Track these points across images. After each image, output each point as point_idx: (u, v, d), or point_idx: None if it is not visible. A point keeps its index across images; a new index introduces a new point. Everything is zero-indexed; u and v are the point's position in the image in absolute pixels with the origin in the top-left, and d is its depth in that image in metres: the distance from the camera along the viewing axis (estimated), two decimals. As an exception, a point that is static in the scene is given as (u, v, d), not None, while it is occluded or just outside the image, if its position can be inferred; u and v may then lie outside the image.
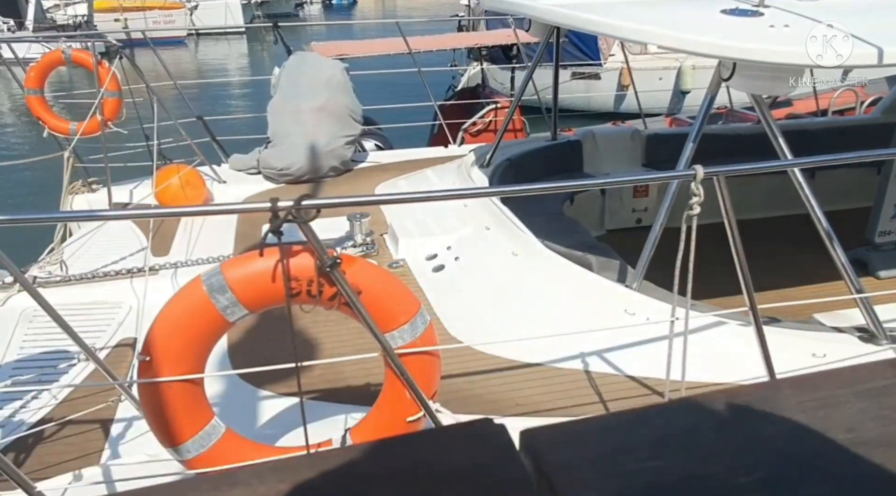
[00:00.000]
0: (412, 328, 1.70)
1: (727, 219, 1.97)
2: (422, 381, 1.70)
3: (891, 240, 4.87)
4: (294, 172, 4.88)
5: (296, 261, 1.62)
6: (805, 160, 2.21)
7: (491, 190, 3.75)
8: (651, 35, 2.61)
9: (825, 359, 2.62)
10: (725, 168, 1.90)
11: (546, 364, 2.69)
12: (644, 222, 5.74)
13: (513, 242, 3.47)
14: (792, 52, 2.42)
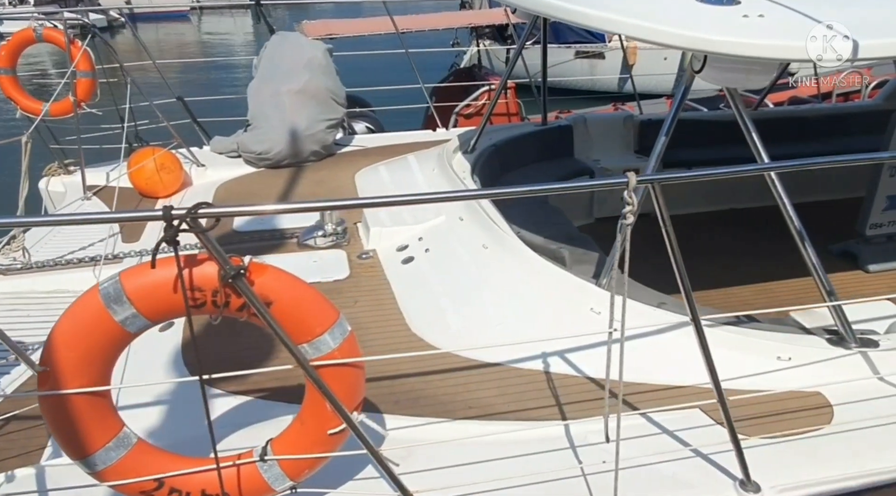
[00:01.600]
0: (330, 338, 1.64)
1: (664, 226, 1.88)
2: (343, 393, 1.64)
3: (882, 233, 4.75)
4: (273, 157, 4.80)
5: (200, 271, 1.55)
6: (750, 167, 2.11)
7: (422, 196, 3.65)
8: (618, 24, 2.49)
9: (790, 362, 2.53)
10: (661, 175, 1.81)
11: (505, 364, 2.62)
12: None
13: (485, 234, 3.38)
14: (763, 45, 2.30)
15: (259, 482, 1.69)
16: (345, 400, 1.65)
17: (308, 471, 1.72)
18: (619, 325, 1.97)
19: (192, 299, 1.55)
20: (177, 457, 1.70)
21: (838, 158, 2.52)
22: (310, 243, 3.61)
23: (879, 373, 2.53)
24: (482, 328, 2.83)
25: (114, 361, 1.60)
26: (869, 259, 4.70)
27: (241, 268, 1.50)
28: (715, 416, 2.35)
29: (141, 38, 5.60)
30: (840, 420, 2.35)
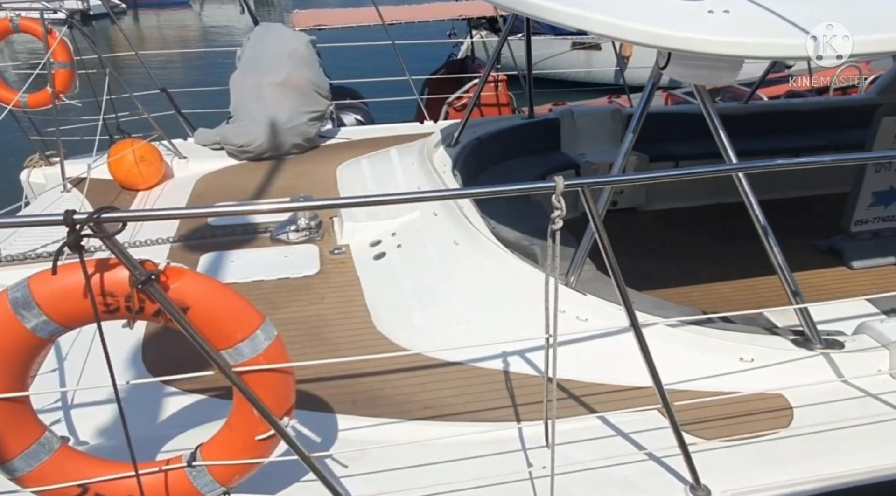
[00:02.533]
0: (252, 344, 1.61)
1: (597, 232, 1.85)
2: (270, 399, 1.62)
3: (867, 229, 4.71)
4: (254, 149, 4.78)
5: (111, 276, 1.53)
6: (698, 170, 2.08)
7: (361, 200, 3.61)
8: (580, 19, 2.45)
9: (752, 364, 2.51)
10: (590, 179, 1.78)
11: (466, 363, 2.61)
12: (620, 205, 5.60)
13: (457, 230, 3.36)
14: (724, 41, 2.26)
15: (188, 488, 1.68)
16: (273, 405, 1.63)
17: (239, 476, 1.71)
18: (577, 326, 1.95)
19: (105, 304, 1.53)
20: (103, 462, 1.69)
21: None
22: (283, 238, 3.59)
23: (843, 376, 2.51)
24: (446, 326, 2.81)
25: (30, 367, 1.58)
26: (853, 255, 4.66)
27: (153, 274, 1.47)
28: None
29: (122, 28, 5.55)
30: (799, 423, 2.32)
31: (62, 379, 2.56)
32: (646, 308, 3.06)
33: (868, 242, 4.74)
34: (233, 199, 4.24)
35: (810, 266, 4.72)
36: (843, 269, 4.67)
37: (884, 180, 4.61)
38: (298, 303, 3.04)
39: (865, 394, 2.45)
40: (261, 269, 3.29)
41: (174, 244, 3.58)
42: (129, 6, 27.05)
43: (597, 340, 2.64)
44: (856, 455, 2.21)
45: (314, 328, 2.85)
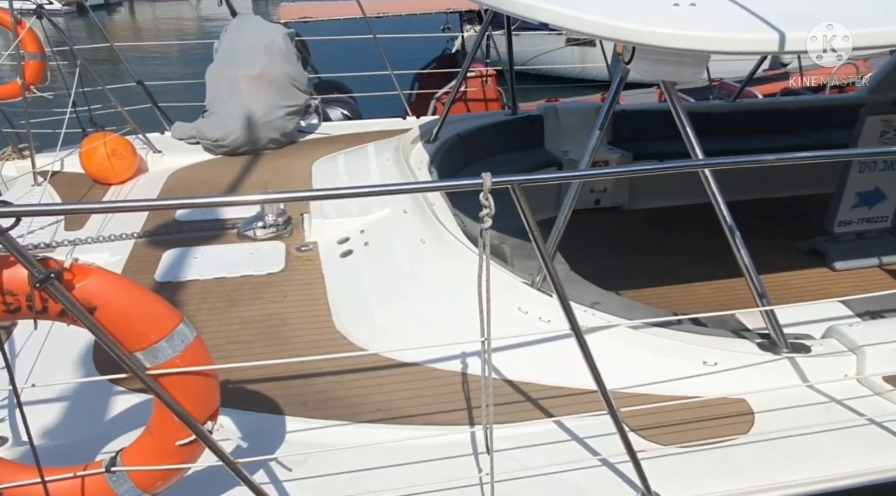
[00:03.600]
0: (169, 345, 1.55)
1: (529, 228, 1.79)
2: (190, 403, 1.56)
3: (851, 230, 4.65)
4: (229, 144, 4.71)
5: (11, 274, 1.46)
6: (649, 166, 2.02)
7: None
8: (539, 11, 2.38)
9: (716, 367, 2.45)
10: (519, 176, 1.71)
11: (423, 364, 2.55)
12: (602, 203, 5.54)
13: (424, 228, 3.30)
14: (688, 36, 2.19)
15: (108, 494, 1.62)
16: (193, 409, 1.57)
17: (162, 482, 1.65)
18: (539, 327, 1.88)
19: (5, 303, 1.46)
20: (19, 467, 1.63)
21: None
22: (249, 234, 3.53)
23: (808, 381, 2.45)
24: (407, 326, 2.75)
25: None
26: (836, 257, 4.60)
27: (53, 272, 1.41)
28: (631, 423, 2.27)
29: (96, 21, 5.48)
30: (760, 429, 2.26)
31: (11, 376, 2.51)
32: (614, 309, 2.99)
33: (851, 244, 4.67)
34: (204, 193, 4.17)
35: (792, 267, 4.66)
36: (825, 271, 4.60)
37: (868, 180, 4.54)
38: (259, 300, 2.98)
39: (830, 400, 2.39)
40: (224, 266, 3.23)
41: (139, 239, 3.51)
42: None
43: (559, 342, 2.57)
44: (814, 462, 2.15)
45: (272, 327, 2.79)
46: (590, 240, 5.05)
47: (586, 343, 1.86)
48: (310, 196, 1.92)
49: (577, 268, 4.63)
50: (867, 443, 2.23)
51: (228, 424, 2.22)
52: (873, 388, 2.42)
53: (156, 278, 3.13)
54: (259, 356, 2.59)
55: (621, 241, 5.05)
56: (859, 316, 3.33)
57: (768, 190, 5.59)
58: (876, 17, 2.26)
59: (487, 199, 1.58)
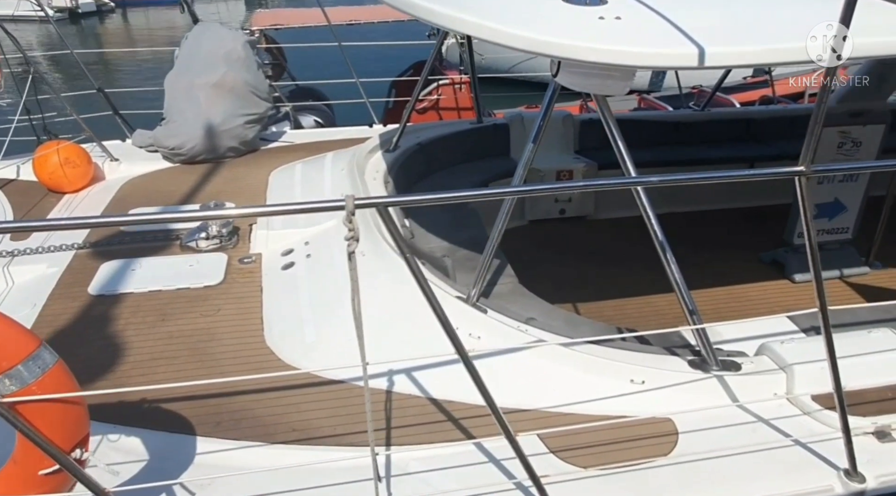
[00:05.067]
0: (26, 371, 1.49)
1: (401, 251, 1.75)
2: (53, 431, 1.51)
3: None
4: (186, 152, 4.66)
5: None
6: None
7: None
8: (463, 24, 2.34)
9: (643, 386, 2.40)
10: (385, 199, 1.67)
11: (348, 382, 2.50)
12: (568, 213, 5.50)
13: (366, 241, 3.25)
14: (611, 50, 2.16)
15: None
16: (57, 437, 1.52)
17: None
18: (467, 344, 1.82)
19: None
20: None
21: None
22: (192, 245, 3.48)
23: (737, 399, 2.40)
24: (336, 342, 2.70)
25: None
26: (795, 268, 4.57)
27: None
28: (550, 444, 2.23)
29: (57, 29, 5.43)
30: (682, 450, 2.22)
31: None
32: (555, 325, 2.95)
33: None
34: (155, 203, 4.12)
35: (754, 278, 4.62)
36: (785, 283, 4.57)
37: (827, 192, 4.51)
38: (191, 314, 2.92)
39: (757, 420, 2.35)
40: (162, 278, 3.18)
41: (79, 251, 3.46)
42: (117, 4, 26.95)
43: (486, 360, 2.53)
44: (736, 485, 2.11)
45: (200, 342, 2.74)
46: (553, 250, 5.01)
47: (472, 363, 1.81)
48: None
49: (536, 279, 4.58)
50: (792, 465, 2.19)
51: (136, 445, 2.17)
52: (802, 408, 2.38)
53: (89, 291, 3.07)
54: (181, 373, 2.54)
55: (585, 252, 5.01)
56: (804, 331, 3.28)
57: (735, 200, 5.56)
58: (799, 32, 2.23)
59: (350, 222, 1.53)
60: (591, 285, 4.48)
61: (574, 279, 4.60)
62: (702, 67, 2.14)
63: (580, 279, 4.59)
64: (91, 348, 2.67)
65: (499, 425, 1.85)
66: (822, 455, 2.19)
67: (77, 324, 2.84)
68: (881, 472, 2.14)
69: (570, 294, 4.42)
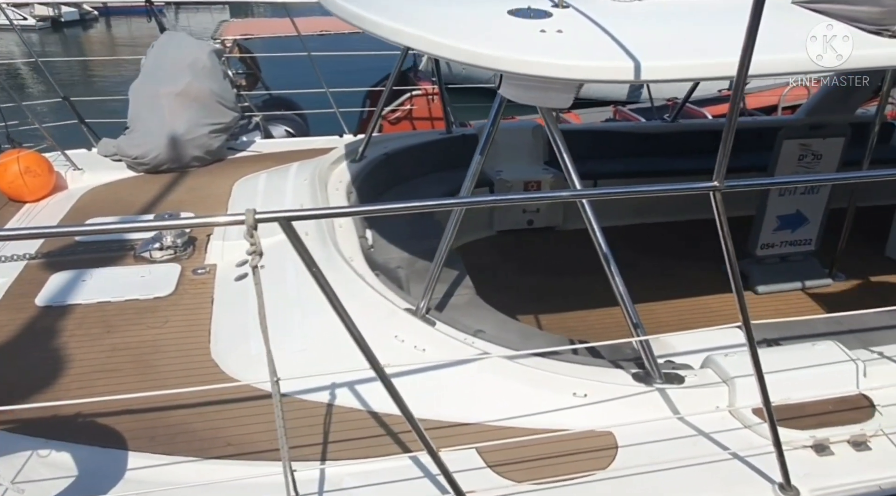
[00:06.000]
0: None
1: (308, 266, 1.74)
2: None
3: (773, 253, 4.65)
4: (150, 161, 4.63)
5: None
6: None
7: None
8: (403, 35, 2.34)
9: (585, 399, 2.40)
10: (290, 212, 1.66)
11: (289, 395, 2.47)
12: (536, 224, 5.50)
13: (320, 251, 3.23)
14: (542, 62, 2.16)
15: None
16: None
17: None
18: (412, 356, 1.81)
19: None
20: None
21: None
22: (145, 256, 3.44)
23: (679, 412, 2.40)
24: (281, 355, 2.67)
25: None
26: (758, 280, 4.59)
27: None
28: (488, 458, 2.21)
29: (22, 37, 5.39)
30: (620, 464, 2.21)
31: None
32: (508, 338, 2.95)
33: (775, 267, 4.67)
34: (115, 213, 4.09)
35: (716, 290, 4.64)
36: (748, 294, 4.58)
37: (789, 204, 4.55)
38: (138, 326, 2.89)
39: (698, 433, 2.35)
40: (111, 289, 3.14)
41: (31, 261, 3.42)
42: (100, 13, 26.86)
43: (430, 373, 2.52)
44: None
45: (143, 354, 2.71)
46: (520, 261, 5.01)
47: (388, 377, 1.80)
48: None
49: (500, 290, 4.58)
50: (730, 479, 2.19)
51: (66, 460, 2.13)
52: (743, 421, 2.38)
53: (36, 302, 3.03)
54: (121, 386, 2.50)
55: (552, 263, 5.02)
56: (757, 343, 3.30)
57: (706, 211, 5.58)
58: (733, 48, 2.25)
59: (251, 236, 1.52)
60: (556, 296, 4.48)
61: (539, 290, 4.60)
62: (638, 81, 2.15)
63: (545, 290, 4.59)
64: (30, 360, 2.63)
65: (420, 440, 1.83)
66: (760, 469, 2.19)
67: (19, 336, 2.80)
68: (817, 486, 2.15)
69: (533, 305, 4.42)
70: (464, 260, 4.95)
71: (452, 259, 3.88)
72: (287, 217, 1.61)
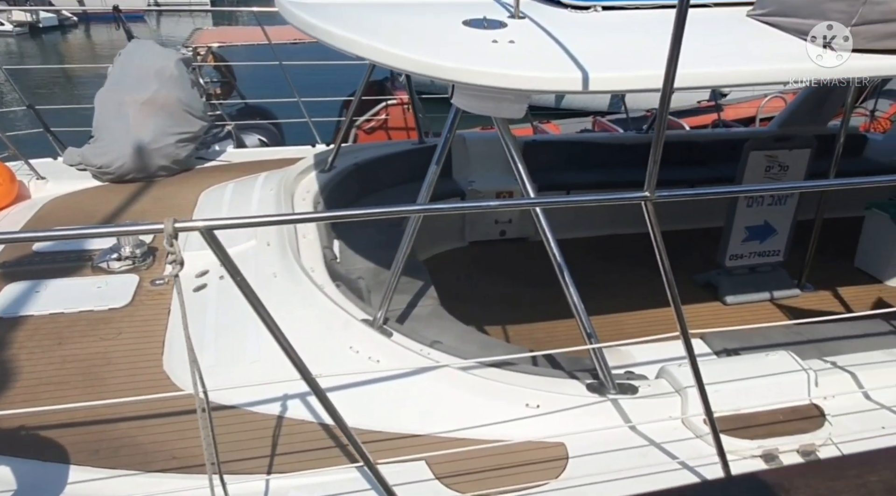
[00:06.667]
0: None
1: (232, 276, 1.72)
2: None
3: (743, 264, 4.68)
4: (114, 171, 4.58)
5: None
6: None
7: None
8: (358, 46, 2.34)
9: (538, 410, 2.38)
10: (210, 221, 1.65)
11: (240, 407, 2.44)
12: (508, 234, 5.50)
13: (280, 262, 3.21)
14: (490, 73, 2.16)
15: None
16: None
17: None
18: (366, 367, 1.77)
19: None
20: None
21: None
22: (103, 266, 3.39)
23: (631, 422, 2.40)
24: (234, 366, 2.65)
25: None
26: (727, 290, 4.61)
27: None
28: (437, 470, 2.19)
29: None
30: (570, 474, 2.20)
31: None
32: (466, 349, 2.93)
33: (744, 277, 4.70)
34: (77, 222, 4.03)
35: (686, 300, 4.63)
36: (717, 305, 4.61)
37: (757, 215, 4.58)
38: (89, 338, 2.84)
39: (650, 443, 2.34)
40: (66, 301, 3.09)
41: None
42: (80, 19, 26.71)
43: (383, 384, 2.49)
44: None
45: (94, 367, 2.66)
46: (492, 272, 5.01)
47: (322, 391, 1.78)
48: None
49: (470, 300, 4.57)
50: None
51: (6, 474, 2.09)
52: (694, 431, 2.38)
53: None
54: (68, 398, 2.45)
55: (523, 273, 5.01)
56: (717, 352, 3.31)
57: (679, 222, 5.62)
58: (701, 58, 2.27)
59: (171, 245, 1.50)
60: (525, 307, 4.48)
61: (509, 301, 4.59)
62: (586, 92, 2.16)
63: (515, 301, 4.58)
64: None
65: (356, 453, 1.81)
66: (707, 478, 2.19)
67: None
68: None
69: (502, 316, 4.41)
70: (435, 270, 4.94)
71: (418, 269, 3.86)
72: (208, 226, 1.59)
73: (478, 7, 2.75)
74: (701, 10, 2.88)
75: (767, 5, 2.60)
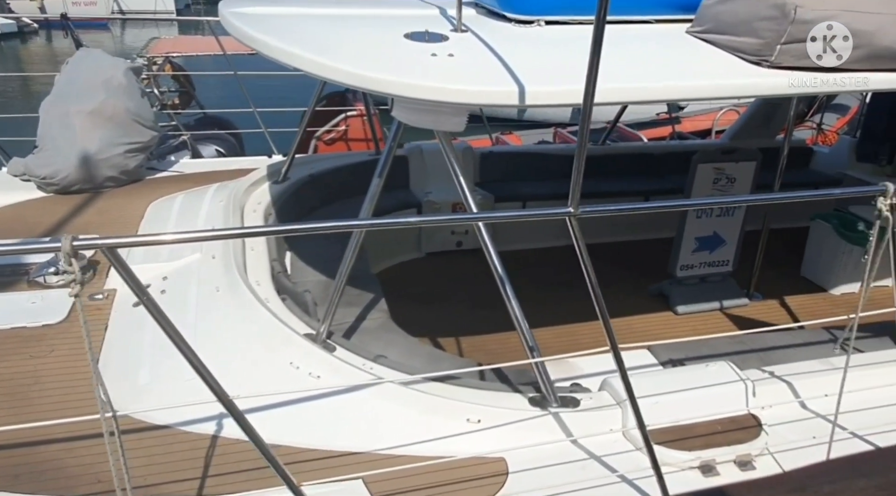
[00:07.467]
0: None
1: (138, 294, 1.68)
2: None
3: (693, 274, 4.74)
4: (59, 182, 4.45)
5: None
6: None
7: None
8: (298, 59, 2.31)
9: (479, 425, 2.36)
10: (111, 239, 1.61)
11: (173, 426, 2.37)
12: (465, 245, 5.50)
13: (223, 275, 3.14)
14: (426, 86, 2.16)
15: None
16: None
17: None
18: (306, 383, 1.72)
19: None
20: None
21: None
22: (40, 280, 3.29)
23: (573, 436, 2.39)
24: (171, 384, 2.57)
25: None
26: (678, 300, 4.67)
27: None
28: (374, 488, 2.15)
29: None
30: (511, 490, 2.18)
31: None
32: (413, 362, 2.90)
33: (694, 287, 4.76)
34: (17, 235, 3.90)
35: (640, 310, 4.70)
36: (669, 314, 4.66)
37: (706, 226, 4.65)
38: (19, 356, 2.74)
39: (590, 456, 2.34)
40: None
41: None
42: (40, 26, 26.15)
43: (322, 400, 2.45)
44: None
45: (21, 386, 2.56)
46: (448, 283, 4.99)
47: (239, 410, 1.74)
48: None
49: (424, 312, 4.55)
50: None
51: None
52: (635, 443, 2.39)
53: None
54: None
55: (478, 284, 5.00)
56: (663, 363, 3.34)
57: (635, 232, 5.68)
58: (631, 74, 2.29)
59: (71, 262, 1.45)
60: (479, 318, 4.47)
61: (463, 312, 4.58)
62: (518, 106, 2.16)
63: (470, 312, 4.57)
64: None
65: (278, 475, 1.76)
66: (645, 491, 2.19)
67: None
68: None
69: (457, 327, 4.39)
70: (391, 282, 4.90)
71: (369, 281, 3.83)
72: (110, 244, 1.54)
73: (422, 20, 2.75)
74: (645, 26, 2.92)
75: (704, 22, 2.65)
